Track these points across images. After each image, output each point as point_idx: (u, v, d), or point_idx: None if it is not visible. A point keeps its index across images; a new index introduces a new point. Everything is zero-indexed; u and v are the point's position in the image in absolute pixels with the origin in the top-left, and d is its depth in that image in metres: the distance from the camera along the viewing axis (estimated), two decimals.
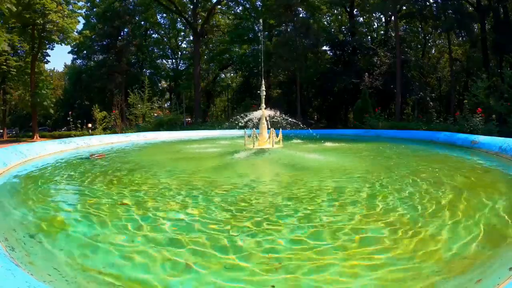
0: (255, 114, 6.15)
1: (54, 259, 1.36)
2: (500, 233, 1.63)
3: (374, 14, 29.62)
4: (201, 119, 26.20)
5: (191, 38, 32.22)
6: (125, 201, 2.28)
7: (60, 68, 65.18)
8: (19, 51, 27.69)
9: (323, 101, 29.93)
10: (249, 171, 3.87)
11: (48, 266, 1.28)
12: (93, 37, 32.64)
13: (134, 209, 2.06)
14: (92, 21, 33.91)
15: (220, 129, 13.51)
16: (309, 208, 2.09)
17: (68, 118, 18.22)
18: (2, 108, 31.03)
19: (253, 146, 5.35)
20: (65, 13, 23.61)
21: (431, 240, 1.53)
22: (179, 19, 33.05)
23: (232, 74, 41.83)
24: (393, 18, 24.34)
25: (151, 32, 37.70)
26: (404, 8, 23.94)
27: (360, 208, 2.05)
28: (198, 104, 25.88)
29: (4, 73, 26.14)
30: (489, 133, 8.69)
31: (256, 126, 5.97)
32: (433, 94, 28.04)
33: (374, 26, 31.67)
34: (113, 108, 18.24)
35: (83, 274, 1.24)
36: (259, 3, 29.18)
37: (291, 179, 3.18)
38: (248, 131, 5.82)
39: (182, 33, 37.39)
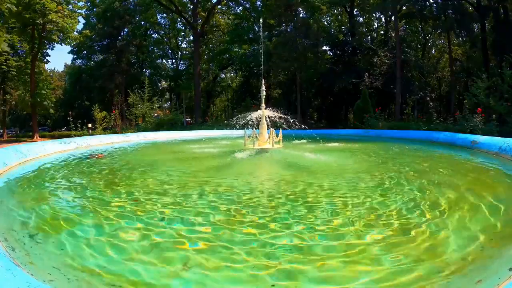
0: (254, 115, 6.14)
1: (54, 259, 1.36)
2: (500, 233, 1.63)
3: (374, 14, 29.65)
4: (201, 119, 26.22)
5: (191, 38, 32.25)
6: (125, 201, 2.28)
7: (60, 68, 65.24)
8: (19, 51, 27.74)
9: (323, 101, 29.97)
10: (249, 171, 3.87)
11: (48, 266, 1.28)
12: (93, 37, 32.71)
13: (135, 209, 2.06)
14: (92, 21, 33.98)
15: (220, 129, 13.47)
16: (310, 208, 2.09)
17: (68, 118, 18.20)
18: (2, 108, 31.07)
19: (253, 146, 5.35)
20: (65, 13, 23.63)
21: (431, 240, 1.53)
22: (179, 19, 33.08)
23: (232, 74, 41.88)
24: (393, 18, 24.36)
25: (151, 32, 37.76)
26: (404, 8, 23.95)
27: (361, 208, 2.05)
28: (198, 104, 25.88)
29: (4, 73, 26.18)
30: (489, 133, 8.69)
31: (256, 126, 5.97)
32: (433, 94, 28.09)
33: (374, 26, 31.71)
34: (113, 108, 18.24)
35: (84, 274, 1.24)
36: (259, 3, 29.21)
37: (292, 179, 3.18)
38: (248, 131, 5.82)
39: (182, 33, 37.47)
